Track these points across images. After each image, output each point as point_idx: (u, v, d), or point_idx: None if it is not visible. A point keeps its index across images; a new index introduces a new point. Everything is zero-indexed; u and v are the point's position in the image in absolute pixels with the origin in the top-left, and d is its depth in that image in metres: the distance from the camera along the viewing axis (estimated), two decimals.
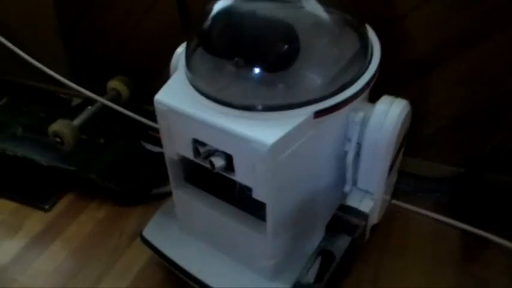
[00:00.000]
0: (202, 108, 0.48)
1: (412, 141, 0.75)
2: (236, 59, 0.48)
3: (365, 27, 0.53)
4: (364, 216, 0.50)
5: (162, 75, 0.85)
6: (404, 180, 0.78)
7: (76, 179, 0.79)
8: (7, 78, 1.03)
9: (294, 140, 0.46)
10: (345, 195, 0.54)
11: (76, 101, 0.95)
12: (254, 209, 0.54)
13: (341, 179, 0.54)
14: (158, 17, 0.79)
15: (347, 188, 0.54)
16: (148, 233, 0.65)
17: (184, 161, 0.56)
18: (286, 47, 0.47)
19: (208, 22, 0.50)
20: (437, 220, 0.73)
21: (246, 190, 0.55)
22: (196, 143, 0.50)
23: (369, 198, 0.52)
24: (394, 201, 0.76)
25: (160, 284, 0.66)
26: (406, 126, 0.52)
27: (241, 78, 0.48)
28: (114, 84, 0.85)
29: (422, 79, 0.69)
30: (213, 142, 0.48)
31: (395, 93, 0.51)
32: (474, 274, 0.66)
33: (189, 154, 0.51)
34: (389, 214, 0.75)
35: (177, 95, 0.50)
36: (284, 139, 0.44)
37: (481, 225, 0.71)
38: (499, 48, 0.62)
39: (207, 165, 0.49)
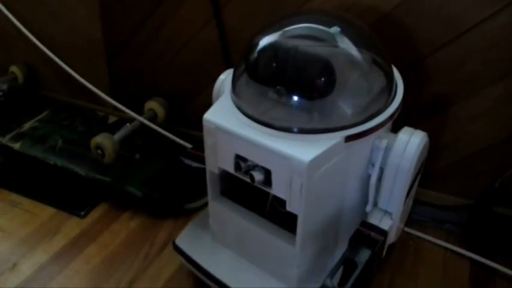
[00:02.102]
0: (245, 128, 0.54)
1: (426, 173, 0.82)
2: (278, 87, 0.55)
3: (391, 66, 0.60)
4: (383, 233, 0.56)
5: (196, 100, 0.93)
6: (418, 210, 0.84)
7: (111, 190, 0.86)
8: (49, 94, 1.11)
9: (327, 160, 0.52)
10: (365, 214, 0.60)
11: (112, 119, 1.02)
12: (283, 222, 0.60)
13: (363, 200, 0.60)
14: (197, 47, 0.87)
15: (369, 207, 0.59)
16: (181, 241, 0.70)
17: (222, 176, 0.62)
18: (323, 79, 0.54)
19: (255, 53, 0.57)
20: (447, 249, 0.78)
21: (277, 205, 0.61)
22: (238, 159, 0.56)
23: (388, 217, 0.58)
24: (407, 229, 0.82)
25: None
26: (423, 155, 0.58)
27: (282, 103, 0.55)
28: (152, 105, 0.92)
29: (440, 115, 0.75)
30: (254, 158, 0.54)
31: (415, 126, 0.57)
32: None
33: (230, 168, 0.58)
34: (403, 241, 0.80)
35: (223, 115, 0.57)
36: (319, 158, 0.50)
37: (490, 256, 0.76)
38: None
39: (247, 179, 0.56)
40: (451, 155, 0.79)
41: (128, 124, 0.90)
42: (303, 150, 0.51)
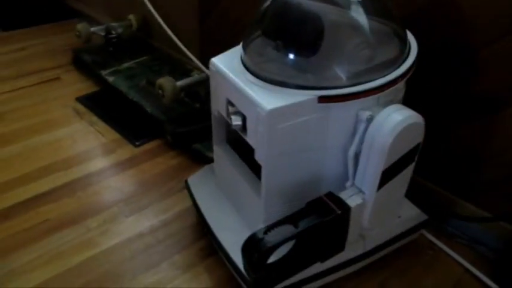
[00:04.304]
0: (238, 75, 0.57)
1: (467, 183, 0.73)
2: (278, 41, 0.56)
3: (406, 43, 0.56)
4: (345, 208, 0.53)
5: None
6: (450, 222, 0.75)
7: (164, 128, 0.95)
8: (154, 43, 1.26)
9: (297, 115, 0.52)
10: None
11: (194, 74, 1.12)
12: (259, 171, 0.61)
13: (347, 174, 0.57)
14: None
15: (348, 183, 0.57)
16: (191, 181, 0.76)
17: (226, 122, 0.66)
18: (309, 36, 0.53)
19: (265, 6, 0.59)
20: (468, 271, 0.69)
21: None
22: (229, 103, 0.59)
23: (360, 196, 0.55)
24: (432, 238, 0.74)
25: (189, 227, 0.77)
26: (415, 139, 0.53)
27: (279, 57, 0.56)
28: None
29: (488, 117, 0.66)
30: (237, 103, 0.57)
31: (458, 123, 0.51)
32: None
33: (224, 112, 0.61)
34: (420, 248, 0.73)
35: (227, 62, 0.60)
36: (283, 109, 0.51)
37: None
38: None
39: (230, 122, 0.58)
40: (498, 168, 0.68)
41: (196, 75, 0.98)
42: (270, 99, 0.51)
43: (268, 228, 0.51)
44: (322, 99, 0.51)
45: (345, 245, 0.57)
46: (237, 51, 0.62)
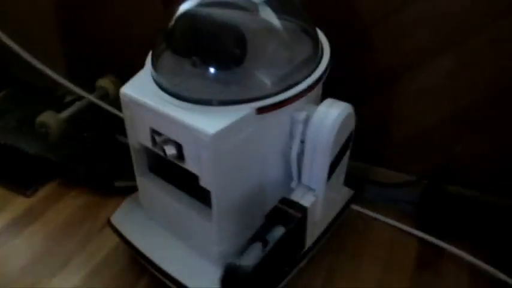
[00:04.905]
0: (159, 101, 0.52)
1: (377, 150, 0.79)
2: (193, 57, 0.52)
3: (317, 36, 0.57)
4: (303, 210, 0.54)
5: None
6: (370, 189, 0.81)
7: (57, 168, 0.85)
8: (9, 73, 1.10)
9: (238, 133, 0.50)
10: (290, 191, 0.57)
11: (69, 98, 1.01)
12: (205, 197, 0.58)
13: (288, 176, 0.58)
14: (146, 22, 0.85)
15: (293, 184, 0.57)
16: (116, 219, 0.69)
17: (147, 151, 0.60)
18: (231, 48, 0.51)
19: (172, 22, 0.55)
20: (398, 229, 0.76)
21: (194, 179, 0.59)
22: (154, 133, 0.54)
23: (311, 194, 0.56)
24: (358, 208, 0.79)
25: (124, 268, 0.70)
26: (349, 127, 0.55)
27: (196, 75, 0.53)
28: (103, 82, 0.90)
29: (390, 89, 0.72)
30: (167, 132, 0.52)
31: (363, 101, 0.54)
32: (425, 282, 0.68)
33: (148, 143, 0.56)
34: (351, 220, 0.78)
35: (140, 88, 0.55)
36: (226, 130, 0.48)
37: (440, 236, 0.73)
38: (466, 58, 0.65)
39: (163, 155, 0.54)
40: (402, 131, 0.76)
41: (77, 102, 0.89)
42: (209, 122, 0.48)
43: (240, 253, 0.49)
44: (260, 110, 0.50)
45: (305, 244, 0.58)
46: (144, 75, 0.57)
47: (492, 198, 0.71)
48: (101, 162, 0.84)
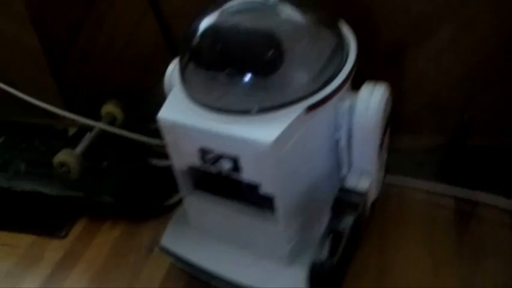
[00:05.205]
0: (204, 119, 0.52)
1: (396, 119, 0.81)
2: (227, 70, 0.52)
3: (339, 23, 0.58)
4: (362, 195, 0.55)
5: (151, 95, 0.89)
6: (395, 159, 0.84)
7: (86, 204, 0.83)
8: (1, 117, 1.06)
9: (292, 135, 0.50)
10: (342, 178, 0.59)
11: (72, 131, 0.98)
12: (262, 203, 0.59)
13: (336, 164, 0.59)
14: (141, 42, 0.83)
15: (344, 171, 0.59)
16: (167, 242, 0.69)
17: (191, 170, 0.60)
18: (270, 52, 0.51)
19: (197, 39, 0.54)
20: (429, 191, 0.79)
21: (251, 188, 0.59)
22: (203, 152, 0.54)
23: (364, 178, 0.57)
24: (388, 180, 0.81)
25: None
26: (388, 106, 0.57)
27: (235, 86, 0.53)
28: (109, 108, 0.89)
29: (398, 62, 0.74)
30: (218, 148, 0.52)
31: (374, 76, 0.56)
32: (470, 233, 0.71)
33: (197, 162, 0.56)
34: (385, 192, 0.80)
35: (178, 110, 0.55)
36: (283, 135, 0.49)
37: (471, 187, 0.76)
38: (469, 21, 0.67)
39: (215, 170, 0.54)
40: (417, 99, 0.78)
41: (88, 133, 0.87)
42: (264, 131, 0.49)
43: (320, 249, 0.50)
44: (310, 108, 0.51)
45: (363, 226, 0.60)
46: (177, 97, 0.56)
47: None
48: (127, 189, 0.83)
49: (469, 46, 0.70)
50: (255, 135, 0.49)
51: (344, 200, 0.54)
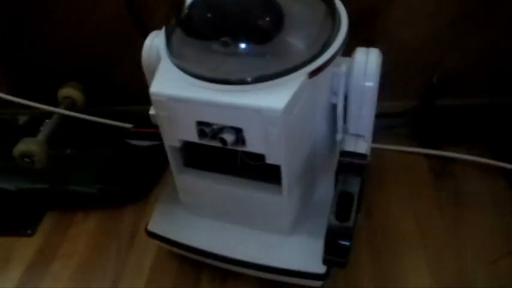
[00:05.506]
0: (203, 91, 0.49)
1: None
2: (223, 38, 0.49)
3: None
4: (364, 157, 0.56)
5: (116, 73, 0.83)
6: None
7: (53, 196, 0.77)
8: None
9: (298, 101, 0.49)
10: (335, 144, 0.59)
11: (23, 119, 0.90)
12: (259, 175, 0.58)
13: (332, 130, 0.59)
14: (100, 15, 0.77)
15: (339, 136, 0.59)
16: (155, 226, 0.65)
17: (182, 147, 0.57)
18: (269, 17, 0.50)
19: (187, 7, 0.51)
20: (402, 151, 0.82)
21: (247, 159, 0.58)
22: (201, 125, 0.51)
23: (362, 140, 0.58)
24: None
25: (176, 273, 0.68)
26: (380, 71, 0.57)
27: (231, 55, 0.50)
28: (66, 92, 0.82)
29: (370, 28, 0.75)
30: (220, 120, 0.50)
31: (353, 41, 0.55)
32: (448, 187, 0.75)
33: (194, 138, 0.53)
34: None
35: (171, 83, 0.51)
36: (291, 101, 0.47)
37: (441, 146, 0.80)
38: None
39: (216, 144, 0.52)
40: (388, 63, 0.80)
41: (47, 120, 0.80)
42: (272, 98, 0.47)
43: (334, 212, 0.50)
44: (312, 74, 0.50)
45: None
46: (167, 70, 0.53)
47: (483, 101, 0.79)
48: (104, 175, 0.78)
49: (437, 8, 0.72)
50: (263, 103, 0.47)
51: (348, 163, 0.54)
